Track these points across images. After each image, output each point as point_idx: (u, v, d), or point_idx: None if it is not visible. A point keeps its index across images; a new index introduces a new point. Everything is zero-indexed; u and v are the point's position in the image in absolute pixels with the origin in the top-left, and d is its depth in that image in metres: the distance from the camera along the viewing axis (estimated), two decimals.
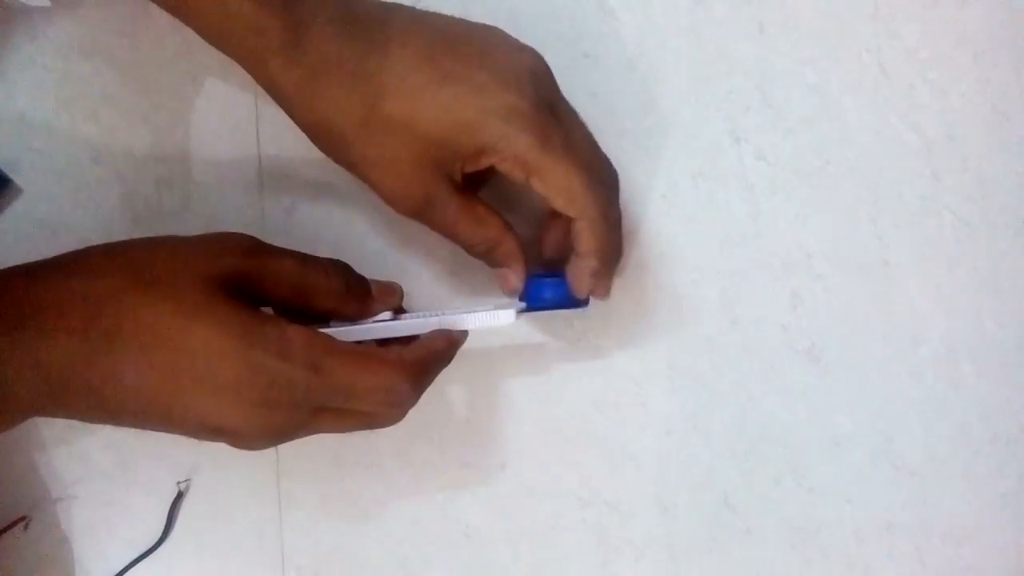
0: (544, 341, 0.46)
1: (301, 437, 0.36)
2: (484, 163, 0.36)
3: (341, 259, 0.38)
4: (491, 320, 0.39)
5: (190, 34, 0.43)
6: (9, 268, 0.33)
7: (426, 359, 0.37)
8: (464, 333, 0.39)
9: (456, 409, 0.45)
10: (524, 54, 0.37)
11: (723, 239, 0.46)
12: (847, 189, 0.47)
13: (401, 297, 0.39)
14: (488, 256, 0.40)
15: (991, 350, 0.47)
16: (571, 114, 0.39)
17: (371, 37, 0.35)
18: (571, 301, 0.41)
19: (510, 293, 0.41)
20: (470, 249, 0.40)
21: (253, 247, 0.35)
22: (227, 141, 0.43)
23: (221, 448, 0.43)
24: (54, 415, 0.33)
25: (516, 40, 0.37)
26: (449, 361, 0.38)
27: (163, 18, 0.43)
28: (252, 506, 0.44)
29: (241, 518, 0.44)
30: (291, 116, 0.37)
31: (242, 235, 0.36)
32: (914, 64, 0.47)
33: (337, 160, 0.37)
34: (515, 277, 0.40)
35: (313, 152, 0.38)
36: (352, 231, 0.44)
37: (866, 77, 0.47)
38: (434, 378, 0.37)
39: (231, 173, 0.43)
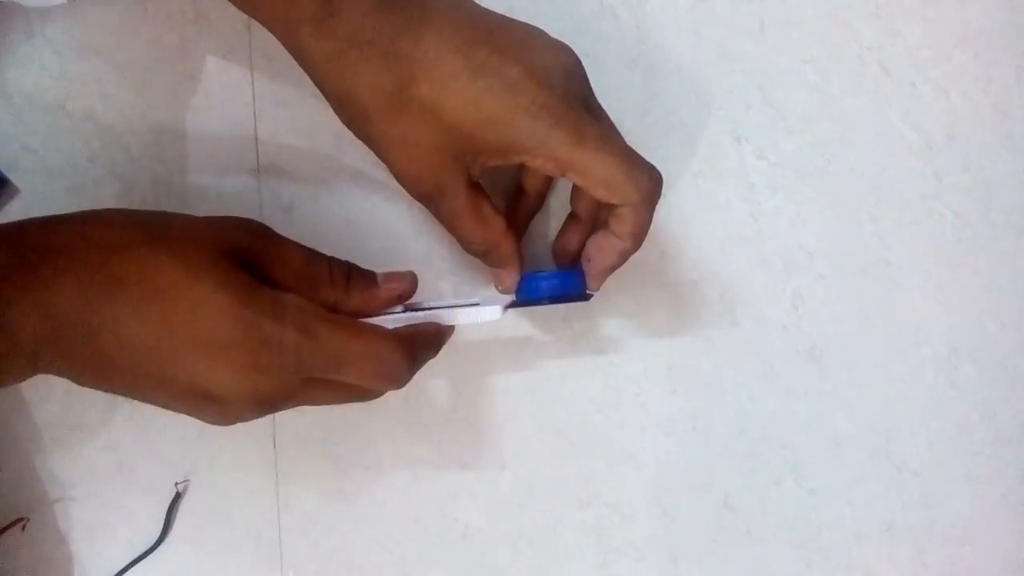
0: (544, 342, 0.45)
1: (290, 407, 0.36)
2: (514, 160, 0.36)
3: (341, 259, 0.38)
4: (476, 316, 0.39)
5: (188, 33, 0.43)
6: (28, 218, 0.34)
7: (416, 337, 0.37)
8: (451, 327, 0.39)
9: (456, 410, 0.45)
10: (559, 51, 0.37)
11: (724, 239, 0.46)
12: (848, 189, 0.46)
13: (412, 282, 0.38)
14: (484, 256, 0.40)
15: (992, 350, 0.47)
16: (603, 112, 0.38)
17: (408, 16, 0.34)
18: (568, 295, 0.40)
19: (503, 292, 0.41)
20: (467, 247, 0.40)
21: (263, 231, 0.36)
22: (224, 140, 0.43)
23: (220, 449, 0.44)
24: (54, 368, 0.33)
25: (552, 37, 0.37)
26: (437, 349, 0.38)
27: (160, 17, 0.42)
28: (250, 507, 0.44)
29: (239, 519, 0.44)
30: (316, 84, 0.37)
31: (253, 220, 0.36)
32: (915, 63, 0.47)
33: (357, 133, 0.37)
34: (508, 279, 0.41)
35: (312, 151, 0.38)
36: (351, 230, 0.44)
37: (867, 76, 0.46)
38: (423, 361, 0.37)
39: (228, 172, 0.43)
